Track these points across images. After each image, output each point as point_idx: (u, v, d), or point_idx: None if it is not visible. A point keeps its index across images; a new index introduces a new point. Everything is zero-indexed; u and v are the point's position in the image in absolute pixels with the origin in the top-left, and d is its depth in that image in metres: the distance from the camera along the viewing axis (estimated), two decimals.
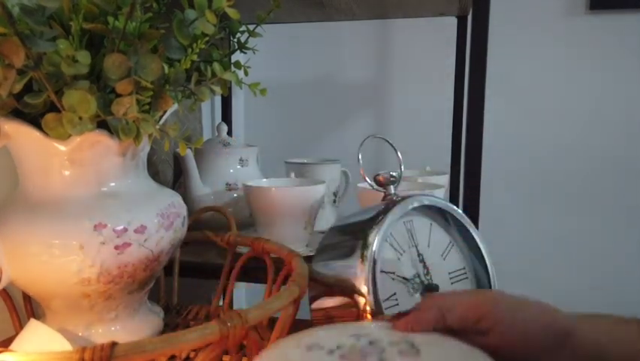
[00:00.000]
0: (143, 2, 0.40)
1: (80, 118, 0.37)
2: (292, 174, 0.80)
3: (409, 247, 0.46)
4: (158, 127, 0.41)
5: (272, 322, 0.49)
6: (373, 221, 0.45)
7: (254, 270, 0.59)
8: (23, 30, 0.35)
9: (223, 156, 0.82)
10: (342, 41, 1.28)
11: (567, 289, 1.22)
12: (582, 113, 1.18)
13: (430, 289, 0.46)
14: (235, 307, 1.07)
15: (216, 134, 0.86)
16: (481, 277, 0.50)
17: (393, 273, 0.44)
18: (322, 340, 0.29)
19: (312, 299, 0.47)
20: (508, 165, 1.23)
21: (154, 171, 0.87)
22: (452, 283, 0.48)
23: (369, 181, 0.54)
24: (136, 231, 0.42)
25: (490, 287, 0.49)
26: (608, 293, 1.19)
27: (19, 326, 0.51)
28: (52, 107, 0.38)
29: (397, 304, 0.43)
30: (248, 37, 0.54)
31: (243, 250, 0.61)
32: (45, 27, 0.36)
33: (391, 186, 0.52)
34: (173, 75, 0.42)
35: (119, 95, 0.38)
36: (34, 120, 0.40)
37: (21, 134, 0.40)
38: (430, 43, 1.22)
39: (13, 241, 0.41)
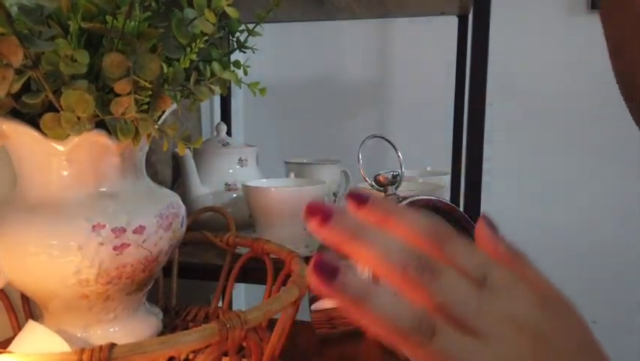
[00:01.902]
0: (141, 1, 0.40)
1: (79, 118, 0.37)
2: (292, 174, 0.80)
3: None
4: (156, 127, 0.41)
5: (272, 323, 0.49)
6: None
7: (253, 271, 0.59)
8: (22, 29, 0.34)
9: (222, 156, 0.82)
10: (342, 41, 1.27)
11: (569, 289, 1.21)
12: (584, 113, 1.18)
13: None
14: (234, 308, 1.07)
15: (215, 134, 0.86)
16: None
17: None
18: None
19: (312, 300, 0.47)
20: (509, 166, 1.22)
21: (152, 172, 0.87)
22: None
23: (369, 181, 0.54)
24: (134, 231, 0.42)
25: None
26: (610, 295, 1.19)
27: (18, 327, 0.50)
28: (51, 107, 0.38)
29: None
30: (247, 37, 0.53)
31: (243, 250, 0.60)
32: (43, 26, 0.36)
33: (392, 187, 0.51)
34: (172, 75, 0.42)
35: (117, 95, 0.38)
36: (33, 120, 0.39)
37: (19, 134, 0.40)
38: (431, 42, 1.22)
39: (11, 241, 0.40)
